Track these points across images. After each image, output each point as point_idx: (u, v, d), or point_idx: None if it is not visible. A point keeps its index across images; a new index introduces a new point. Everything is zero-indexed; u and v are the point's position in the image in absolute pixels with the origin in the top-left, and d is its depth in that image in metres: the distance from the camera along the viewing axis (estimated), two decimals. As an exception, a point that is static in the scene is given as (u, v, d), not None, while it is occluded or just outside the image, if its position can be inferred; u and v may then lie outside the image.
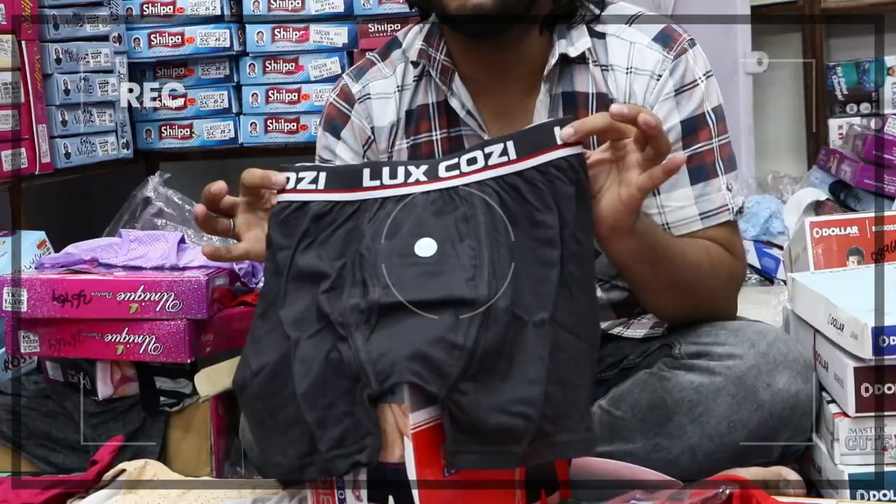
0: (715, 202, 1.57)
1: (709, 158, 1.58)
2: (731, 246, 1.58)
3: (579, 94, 1.61)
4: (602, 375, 1.69)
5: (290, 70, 3.21)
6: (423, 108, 1.67)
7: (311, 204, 1.35)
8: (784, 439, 1.48)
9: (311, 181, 1.36)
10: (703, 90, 1.58)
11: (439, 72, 1.63)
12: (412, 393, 1.21)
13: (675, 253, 1.47)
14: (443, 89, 1.63)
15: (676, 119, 1.57)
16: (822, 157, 3.41)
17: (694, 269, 1.50)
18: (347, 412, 1.22)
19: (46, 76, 2.77)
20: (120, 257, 1.93)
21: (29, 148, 2.65)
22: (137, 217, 2.96)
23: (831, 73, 3.61)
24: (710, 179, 1.57)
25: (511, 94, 1.63)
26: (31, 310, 1.83)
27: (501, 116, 1.63)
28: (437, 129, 1.66)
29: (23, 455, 1.85)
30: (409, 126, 1.67)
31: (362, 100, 1.69)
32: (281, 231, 1.34)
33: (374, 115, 1.69)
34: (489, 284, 1.24)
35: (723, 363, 1.47)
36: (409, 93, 1.67)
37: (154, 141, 3.33)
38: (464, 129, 1.64)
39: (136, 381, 1.88)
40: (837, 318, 1.43)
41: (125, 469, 1.51)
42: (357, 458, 1.21)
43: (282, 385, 1.25)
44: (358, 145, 1.69)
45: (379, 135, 1.68)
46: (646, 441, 1.49)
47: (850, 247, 1.72)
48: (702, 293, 1.53)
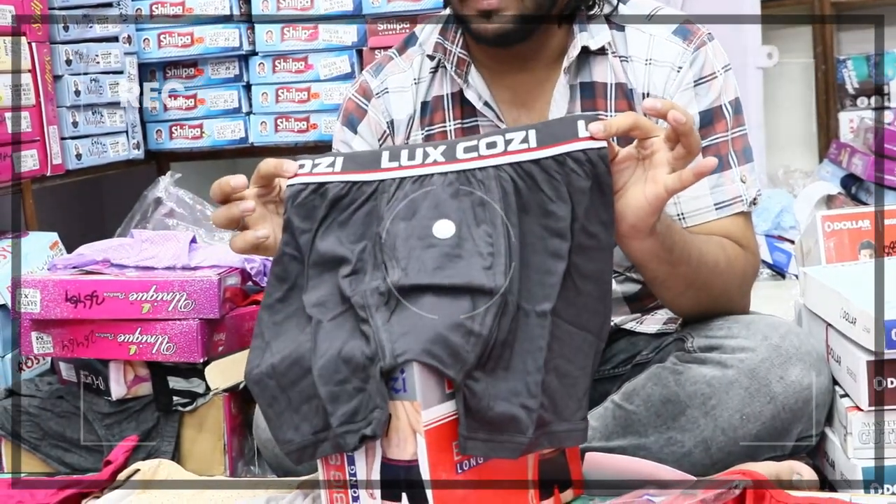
0: (728, 193, 1.58)
1: (724, 150, 1.59)
2: (745, 239, 1.59)
3: (598, 84, 1.62)
4: (615, 371, 1.69)
5: (300, 69, 3.21)
6: (437, 100, 1.68)
7: (329, 187, 1.34)
8: (797, 432, 1.48)
9: (329, 165, 1.36)
10: (722, 83, 1.60)
11: (455, 64, 1.64)
12: (425, 389, 1.21)
13: (693, 252, 1.46)
14: (458, 81, 1.65)
15: (695, 110, 1.58)
16: (833, 150, 3.40)
17: (710, 268, 1.50)
18: (360, 388, 1.22)
19: (57, 77, 2.78)
20: (132, 258, 1.93)
21: (40, 149, 2.65)
22: (149, 217, 2.97)
23: (842, 67, 3.60)
24: (724, 171, 1.58)
25: (528, 84, 1.64)
26: (44, 311, 1.84)
27: (518, 106, 1.65)
28: (451, 120, 1.67)
29: (38, 456, 1.86)
30: (423, 117, 1.69)
31: (380, 95, 1.71)
32: (299, 214, 1.33)
33: (392, 109, 1.71)
34: (505, 274, 1.25)
35: (735, 356, 1.47)
36: (424, 85, 1.69)
37: (165, 141, 3.33)
38: (480, 120, 1.66)
39: (149, 381, 1.88)
40: (850, 311, 1.43)
41: (139, 469, 1.52)
42: (364, 431, 1.21)
43: (296, 363, 1.26)
44: (374, 139, 1.71)
45: (397, 128, 1.70)
46: (659, 435, 1.49)
47: (862, 240, 1.72)
48: (717, 290, 1.53)
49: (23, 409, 1.87)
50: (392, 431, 1.22)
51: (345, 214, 1.33)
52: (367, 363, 1.21)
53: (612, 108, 1.62)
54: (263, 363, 1.27)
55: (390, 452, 1.23)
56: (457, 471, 1.24)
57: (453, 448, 1.24)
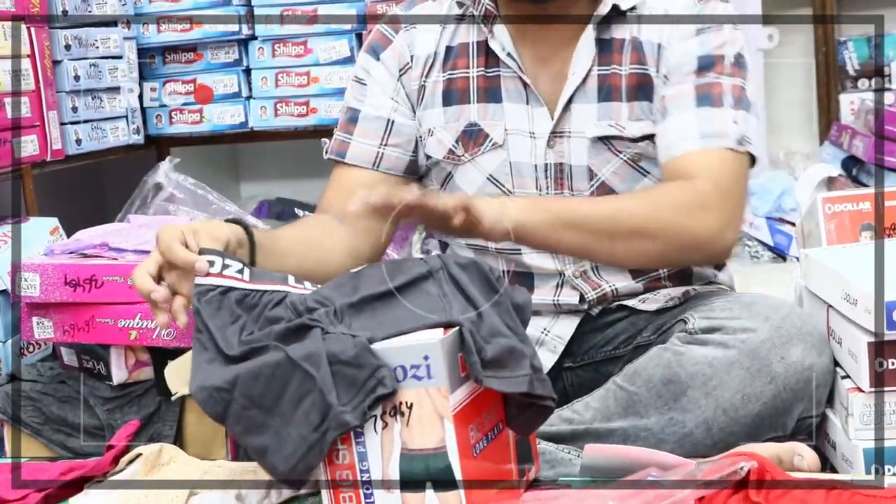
0: (716, 125, 1.58)
1: (717, 90, 1.60)
2: (715, 176, 1.56)
3: (616, 41, 1.67)
4: (616, 352, 1.70)
5: (300, 53, 3.20)
6: (462, 46, 1.74)
7: (233, 293, 1.35)
8: (797, 412, 1.48)
9: (238, 271, 1.37)
10: (727, 35, 1.63)
11: (482, 15, 1.70)
12: (450, 374, 1.21)
13: (577, 217, 1.52)
14: (483, 30, 1.69)
15: (695, 53, 1.61)
16: (833, 132, 3.39)
17: (613, 220, 1.53)
18: (355, 365, 1.22)
19: (56, 63, 2.77)
20: (130, 242, 1.93)
21: (40, 135, 2.65)
22: (149, 203, 2.96)
23: (843, 48, 3.58)
24: (715, 107, 1.59)
25: (552, 42, 1.69)
26: (43, 294, 1.84)
27: (540, 60, 1.70)
28: (474, 67, 1.73)
29: (40, 440, 1.86)
30: (447, 61, 1.74)
31: (408, 28, 1.77)
32: (207, 310, 1.34)
33: (416, 45, 1.76)
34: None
35: (736, 337, 1.47)
36: (451, 30, 1.75)
37: (164, 126, 3.33)
38: (502, 70, 1.71)
39: (150, 365, 1.88)
40: (851, 293, 1.43)
41: (141, 453, 1.52)
42: (374, 395, 1.21)
43: (267, 383, 1.25)
44: (395, 69, 1.77)
45: (416, 62, 1.76)
46: (660, 416, 1.49)
47: (863, 222, 1.72)
48: (649, 232, 1.53)
49: (25, 393, 1.87)
50: (415, 421, 1.22)
51: (255, 312, 1.34)
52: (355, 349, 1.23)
53: (626, 63, 1.66)
54: (228, 399, 1.27)
55: (413, 443, 1.23)
56: (473, 453, 1.24)
57: (470, 432, 1.24)
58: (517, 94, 1.71)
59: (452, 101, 1.74)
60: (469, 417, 1.24)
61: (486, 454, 1.27)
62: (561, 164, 1.69)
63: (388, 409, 1.23)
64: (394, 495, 1.24)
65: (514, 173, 1.71)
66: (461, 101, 1.74)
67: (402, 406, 1.22)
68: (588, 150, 1.67)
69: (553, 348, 1.73)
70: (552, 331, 1.74)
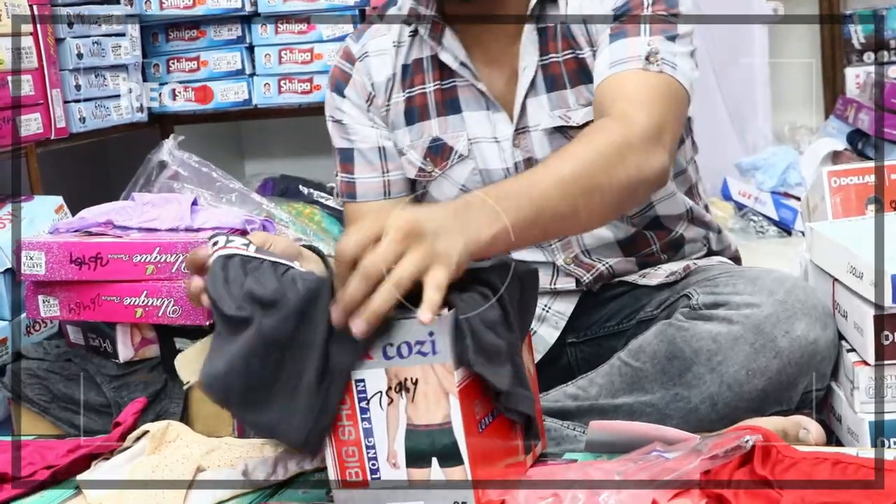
0: (627, 52, 1.55)
1: (631, 24, 1.57)
2: (632, 98, 1.49)
3: (549, 29, 1.67)
4: (619, 327, 1.70)
5: (303, 30, 3.20)
6: (417, 63, 1.74)
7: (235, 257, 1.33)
8: (802, 387, 1.48)
9: (243, 244, 1.36)
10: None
11: (429, 28, 1.70)
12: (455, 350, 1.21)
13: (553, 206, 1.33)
14: (432, 45, 1.70)
15: (610, 6, 1.61)
16: (839, 106, 3.38)
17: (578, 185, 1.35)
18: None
19: (59, 41, 2.76)
20: (134, 220, 1.93)
21: (44, 113, 2.65)
22: (153, 181, 2.96)
23: (848, 22, 3.57)
24: (629, 37, 1.56)
25: (500, 40, 1.69)
26: (49, 272, 1.84)
27: (492, 62, 1.71)
28: (430, 82, 1.73)
29: (47, 418, 1.87)
30: (404, 80, 1.75)
31: (362, 58, 1.77)
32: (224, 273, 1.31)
33: (373, 72, 1.76)
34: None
35: (741, 312, 1.47)
36: (404, 48, 1.75)
37: (168, 104, 3.32)
38: (457, 80, 1.72)
39: (156, 343, 1.88)
40: (857, 266, 1.42)
41: (148, 430, 1.52)
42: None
43: (261, 360, 1.23)
44: (361, 101, 1.78)
45: (377, 90, 1.76)
46: (665, 392, 1.50)
47: (869, 195, 1.71)
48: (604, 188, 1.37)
49: (32, 372, 1.88)
50: (420, 397, 1.22)
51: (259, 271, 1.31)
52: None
53: (560, 49, 1.67)
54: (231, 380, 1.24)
55: (418, 418, 1.23)
56: (479, 429, 1.24)
57: (475, 407, 1.24)
58: (476, 101, 1.72)
59: (414, 119, 1.75)
60: (474, 393, 1.24)
61: (492, 430, 1.27)
62: (529, 159, 1.70)
63: (394, 384, 1.23)
64: (399, 471, 1.24)
65: (485, 179, 1.72)
66: (422, 117, 1.75)
67: (408, 382, 1.22)
68: (548, 142, 1.69)
69: (555, 324, 1.74)
70: (553, 307, 1.74)
